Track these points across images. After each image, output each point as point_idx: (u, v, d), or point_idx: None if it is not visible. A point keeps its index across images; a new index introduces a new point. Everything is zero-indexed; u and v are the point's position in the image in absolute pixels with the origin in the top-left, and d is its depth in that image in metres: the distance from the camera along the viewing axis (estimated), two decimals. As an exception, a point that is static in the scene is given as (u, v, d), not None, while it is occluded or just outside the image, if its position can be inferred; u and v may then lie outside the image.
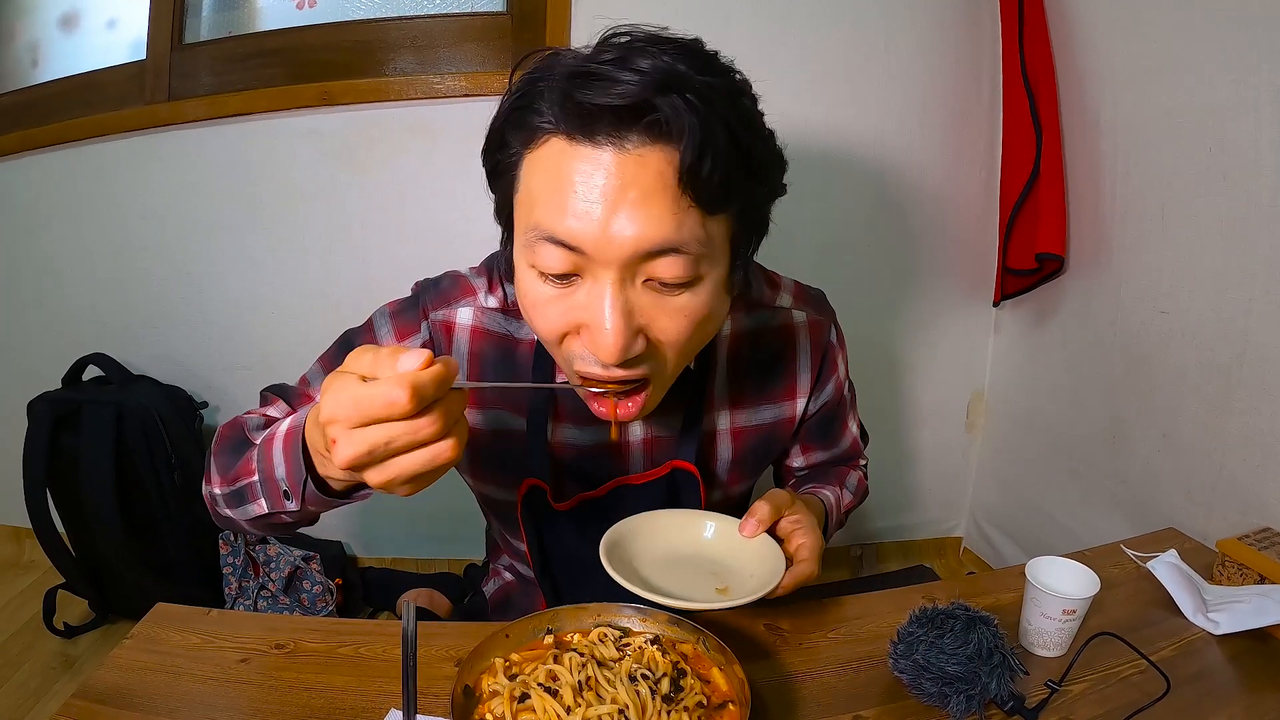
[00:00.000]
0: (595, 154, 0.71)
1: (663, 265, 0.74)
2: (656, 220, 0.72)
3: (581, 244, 0.72)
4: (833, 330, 1.15)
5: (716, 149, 0.71)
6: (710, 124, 0.71)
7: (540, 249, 0.75)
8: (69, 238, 2.22)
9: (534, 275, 0.78)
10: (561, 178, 0.72)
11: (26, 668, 2.01)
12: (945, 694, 0.86)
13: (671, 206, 0.72)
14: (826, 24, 2.01)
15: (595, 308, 0.75)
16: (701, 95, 0.71)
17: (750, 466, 1.15)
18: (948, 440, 2.46)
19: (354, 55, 2.08)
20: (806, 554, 0.94)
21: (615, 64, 0.70)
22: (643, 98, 0.69)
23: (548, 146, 0.74)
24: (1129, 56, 1.73)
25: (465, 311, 1.02)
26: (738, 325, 1.07)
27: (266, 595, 2.15)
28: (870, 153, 2.12)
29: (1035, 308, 2.14)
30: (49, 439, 2.03)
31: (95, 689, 0.90)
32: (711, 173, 0.72)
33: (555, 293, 0.78)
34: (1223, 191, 1.52)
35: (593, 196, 0.71)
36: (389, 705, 0.88)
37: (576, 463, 1.05)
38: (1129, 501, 1.82)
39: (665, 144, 0.71)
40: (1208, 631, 1.07)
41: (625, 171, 0.71)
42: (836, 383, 1.17)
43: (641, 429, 1.06)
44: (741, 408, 1.09)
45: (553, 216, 0.73)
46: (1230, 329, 1.53)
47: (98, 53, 2.19)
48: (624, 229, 0.71)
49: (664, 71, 0.70)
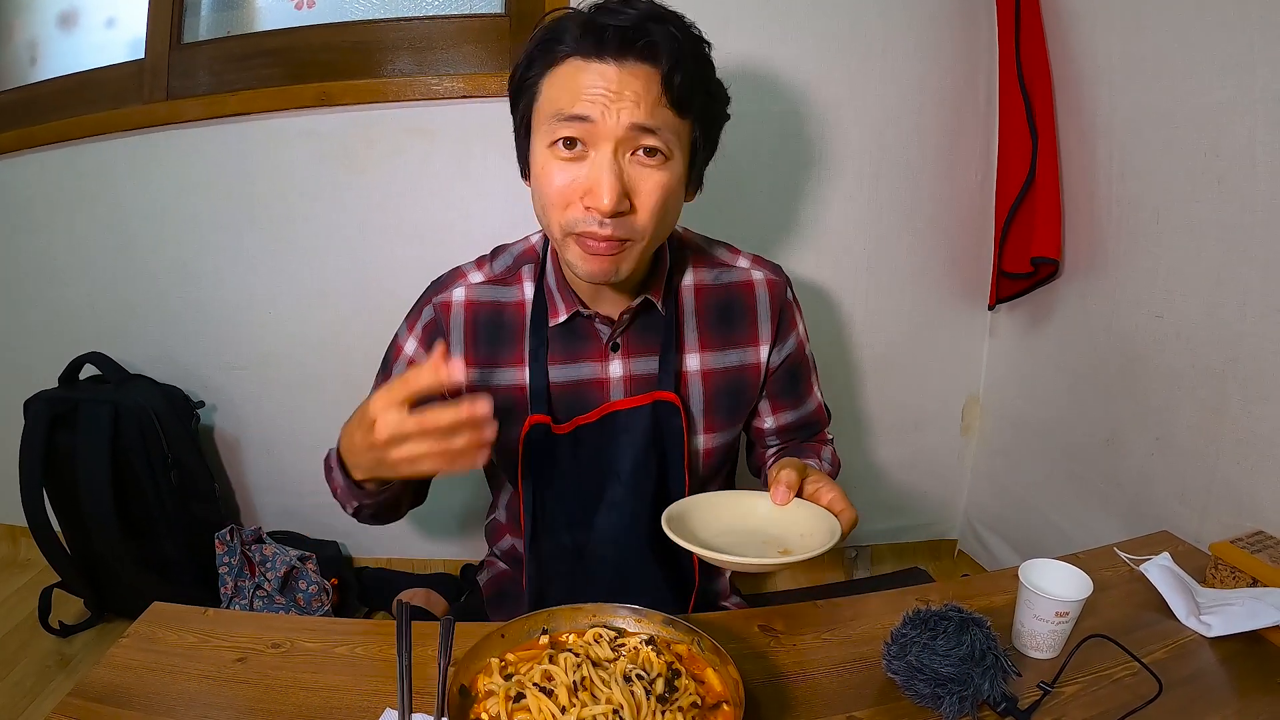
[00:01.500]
0: (603, 67, 0.97)
1: (646, 140, 0.99)
2: (644, 109, 0.97)
3: (590, 115, 0.97)
4: (789, 290, 1.30)
5: (687, 68, 0.99)
6: (684, 50, 0.99)
7: (559, 125, 0.99)
8: (66, 236, 2.22)
9: (551, 155, 1.01)
10: (578, 81, 0.98)
11: (22, 666, 2.01)
12: (938, 695, 0.86)
13: (654, 103, 0.98)
14: (823, 26, 2.01)
15: (596, 172, 0.99)
16: (680, 29, 1.00)
17: (723, 412, 1.26)
18: (943, 443, 2.46)
19: (352, 56, 2.08)
20: (842, 504, 1.05)
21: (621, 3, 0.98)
22: (641, 23, 0.96)
23: (566, 64, 0.99)
24: (1125, 60, 1.73)
25: (458, 290, 1.21)
26: (700, 278, 1.25)
27: (262, 595, 2.15)
28: (866, 155, 2.12)
29: (1030, 311, 2.14)
30: (45, 437, 2.03)
31: (92, 688, 0.90)
32: (682, 83, 0.98)
33: (566, 163, 1.01)
34: (1218, 196, 1.53)
35: (599, 91, 0.97)
36: (384, 705, 0.89)
37: (567, 398, 1.19)
38: (1123, 504, 1.83)
39: (652, 65, 0.98)
40: (1200, 634, 1.07)
41: (623, 79, 0.97)
42: (797, 339, 1.32)
43: (621, 367, 1.20)
44: (709, 350, 1.24)
45: (571, 102, 0.98)
46: (1225, 333, 1.53)
47: (96, 51, 2.20)
48: (622, 112, 0.97)
49: (656, 12, 0.99)
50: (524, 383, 1.18)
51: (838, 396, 1.57)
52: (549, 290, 1.18)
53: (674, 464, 1.20)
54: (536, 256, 1.21)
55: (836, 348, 2.27)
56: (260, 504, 2.46)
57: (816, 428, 1.41)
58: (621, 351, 1.19)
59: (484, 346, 1.19)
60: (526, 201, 1.10)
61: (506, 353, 1.19)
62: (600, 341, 1.18)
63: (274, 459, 2.39)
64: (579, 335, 1.18)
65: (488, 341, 1.19)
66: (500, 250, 1.25)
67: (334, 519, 2.38)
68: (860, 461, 2.41)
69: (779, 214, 2.12)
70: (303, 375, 2.27)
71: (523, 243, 1.25)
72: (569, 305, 1.16)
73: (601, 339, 1.18)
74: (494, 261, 1.23)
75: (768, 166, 2.04)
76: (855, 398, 2.35)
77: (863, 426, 2.39)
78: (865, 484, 2.42)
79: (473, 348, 1.19)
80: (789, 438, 1.38)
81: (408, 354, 1.23)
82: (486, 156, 2.07)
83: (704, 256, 1.26)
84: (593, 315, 1.16)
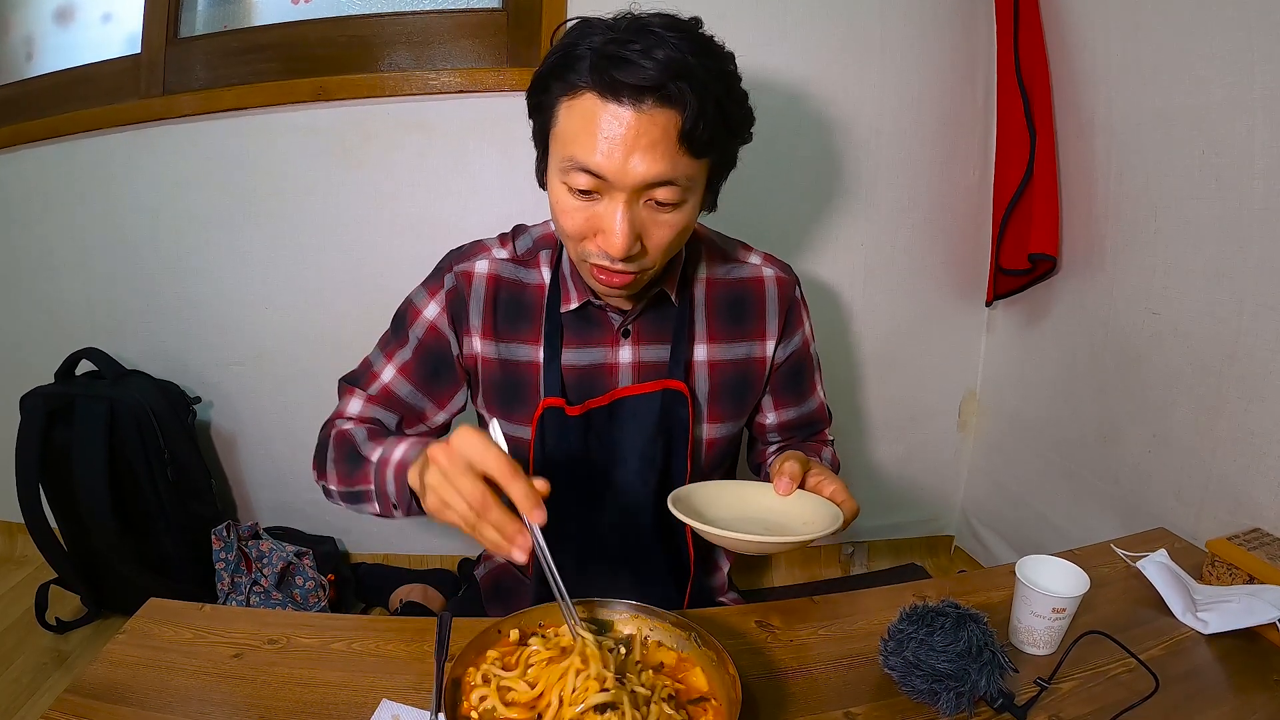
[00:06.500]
0: (619, 110, 0.93)
1: (660, 192, 0.98)
2: (659, 161, 0.95)
3: (605, 173, 0.95)
4: (797, 289, 1.32)
5: (708, 118, 0.95)
6: (705, 101, 0.94)
7: (573, 173, 0.98)
8: (63, 232, 2.22)
9: (565, 189, 1.01)
10: (593, 124, 0.95)
11: (19, 663, 2.01)
12: (935, 691, 0.86)
13: (671, 152, 0.95)
14: (822, 24, 2.01)
15: (609, 220, 0.99)
16: (700, 80, 0.94)
17: (728, 403, 1.27)
18: (940, 439, 2.46)
19: (349, 51, 2.08)
20: (844, 495, 1.08)
21: (640, 53, 0.92)
22: (660, 81, 0.92)
23: (582, 99, 0.96)
24: (1123, 58, 1.73)
25: (481, 263, 1.22)
26: (713, 272, 1.26)
27: (259, 591, 2.15)
28: (865, 152, 2.12)
29: (1028, 308, 2.15)
30: (42, 433, 2.03)
31: (89, 684, 0.90)
32: (702, 133, 0.96)
33: (580, 204, 1.00)
34: (1215, 193, 1.53)
35: (615, 141, 0.94)
36: (380, 699, 0.89)
37: (578, 382, 1.21)
38: (1120, 501, 1.83)
39: (671, 108, 0.94)
40: (1197, 631, 1.08)
41: (640, 125, 0.93)
42: (803, 338, 1.33)
43: (631, 354, 1.22)
44: (717, 342, 1.25)
45: (585, 152, 0.95)
46: (1222, 330, 1.54)
47: (92, 46, 2.19)
48: (636, 166, 0.95)
49: (677, 62, 0.92)
50: (538, 361, 1.20)
51: (835, 393, 1.57)
52: (564, 277, 1.19)
53: (678, 453, 1.22)
54: (554, 243, 1.23)
55: (834, 344, 2.27)
56: (257, 500, 2.46)
57: (817, 427, 1.42)
58: (632, 338, 1.21)
59: (503, 321, 1.20)
60: (523, 196, 1.11)
61: (524, 331, 1.21)
62: (612, 327, 1.20)
63: (270, 455, 2.38)
64: (592, 321, 1.20)
65: (506, 317, 1.20)
66: (520, 230, 1.26)
67: (331, 515, 2.39)
68: (857, 458, 2.41)
69: (778, 211, 2.12)
70: (299, 371, 2.26)
71: (542, 226, 1.26)
72: (582, 295, 1.17)
73: (613, 325, 1.20)
74: (516, 241, 1.24)
75: (766, 163, 2.04)
76: (853, 394, 2.35)
77: (860, 422, 2.39)
78: (862, 480, 2.42)
79: (491, 321, 1.20)
80: (789, 435, 1.40)
81: (428, 318, 1.21)
82: (483, 151, 2.07)
83: (717, 251, 1.27)
84: (604, 305, 1.18)
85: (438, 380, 1.24)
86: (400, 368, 1.23)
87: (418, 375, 1.23)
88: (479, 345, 1.21)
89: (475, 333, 1.20)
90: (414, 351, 1.22)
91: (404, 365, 1.23)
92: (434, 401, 1.25)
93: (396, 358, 1.23)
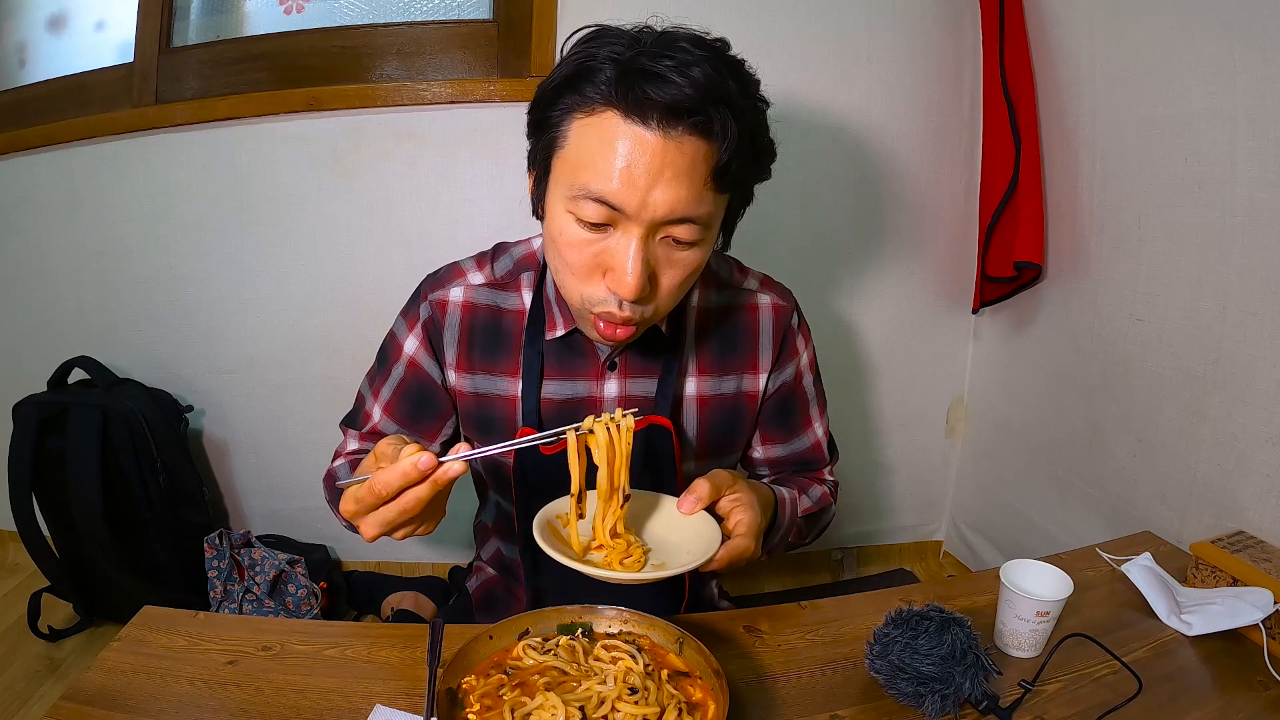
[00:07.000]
0: (645, 135, 0.84)
1: (681, 229, 0.89)
2: (685, 196, 0.86)
3: (624, 206, 0.86)
4: (795, 316, 1.24)
5: (744, 153, 0.89)
6: (742, 133, 0.87)
7: (584, 203, 0.88)
8: (55, 240, 2.22)
9: (571, 220, 0.91)
10: (612, 148, 0.85)
11: (11, 671, 2.00)
12: (920, 694, 0.88)
13: (697, 187, 0.87)
14: (809, 32, 2.03)
15: (621, 256, 0.89)
16: (740, 109, 0.87)
17: (716, 440, 1.21)
18: (928, 445, 2.48)
19: (341, 61, 2.09)
20: (744, 530, 0.98)
21: (674, 69, 0.82)
22: (698, 104, 0.83)
23: (601, 117, 0.86)
24: (1108, 67, 1.75)
25: (456, 290, 1.15)
26: (706, 300, 1.18)
27: (251, 599, 2.15)
28: (852, 161, 2.14)
29: (1014, 315, 2.17)
30: (34, 442, 2.03)
31: (83, 691, 0.91)
32: (735, 168, 0.89)
33: (589, 237, 0.91)
34: (1198, 201, 1.55)
35: (639, 169, 0.84)
36: (374, 705, 0.90)
37: (558, 415, 1.14)
38: (1106, 505, 1.85)
39: (703, 138, 0.85)
40: (1181, 633, 1.09)
41: (668, 154, 0.84)
42: (797, 369, 1.25)
43: (617, 387, 1.15)
44: (707, 375, 1.18)
45: (601, 180, 0.86)
46: (1205, 336, 1.55)
47: (86, 54, 2.19)
48: (659, 199, 0.85)
49: (716, 85, 0.84)
50: (516, 395, 1.13)
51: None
52: (548, 302, 1.12)
53: (668, 488, 1.09)
54: (537, 264, 1.15)
55: (821, 351, 2.25)
56: (249, 508, 2.46)
57: (813, 466, 1.34)
58: (619, 371, 1.14)
59: (478, 352, 1.14)
60: (513, 208, 1.09)
61: (501, 362, 1.14)
62: (597, 359, 1.13)
63: (263, 463, 2.38)
64: (576, 351, 1.13)
65: (483, 348, 1.14)
66: (501, 250, 1.18)
67: (322, 523, 2.39)
68: (846, 464, 2.41)
69: (764, 219, 2.13)
70: (291, 379, 2.26)
71: (524, 245, 1.18)
72: (567, 322, 1.10)
73: (599, 357, 1.13)
74: (495, 263, 1.16)
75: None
76: (841, 401, 2.36)
77: (848, 429, 2.40)
78: (851, 486, 2.42)
79: (466, 352, 1.15)
80: (779, 470, 1.32)
81: (408, 353, 1.17)
82: (474, 162, 2.08)
83: (711, 276, 1.19)
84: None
85: (421, 416, 1.20)
86: (384, 406, 1.21)
87: (401, 413, 1.21)
88: (453, 378, 1.16)
89: (450, 366, 1.16)
90: (395, 391, 1.20)
91: (387, 404, 1.21)
92: (423, 435, 1.21)
93: (382, 395, 1.21)
